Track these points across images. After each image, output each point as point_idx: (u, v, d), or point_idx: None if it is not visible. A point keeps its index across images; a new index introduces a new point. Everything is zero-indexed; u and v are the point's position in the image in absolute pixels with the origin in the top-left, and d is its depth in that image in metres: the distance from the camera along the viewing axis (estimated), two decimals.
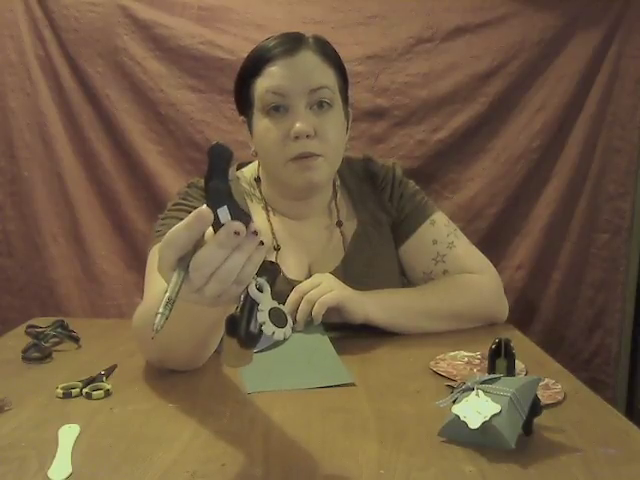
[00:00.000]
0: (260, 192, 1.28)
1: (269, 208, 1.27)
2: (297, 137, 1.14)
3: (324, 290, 1.11)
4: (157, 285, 0.87)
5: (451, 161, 1.85)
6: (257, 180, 1.29)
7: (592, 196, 1.83)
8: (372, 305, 1.16)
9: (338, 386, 0.94)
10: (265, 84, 1.15)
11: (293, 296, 1.11)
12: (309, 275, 1.22)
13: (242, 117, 1.25)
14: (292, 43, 1.15)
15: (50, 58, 1.78)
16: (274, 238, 1.24)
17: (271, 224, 1.25)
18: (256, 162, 1.31)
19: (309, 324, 1.10)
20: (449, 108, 1.82)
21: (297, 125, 1.13)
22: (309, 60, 1.16)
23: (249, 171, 1.32)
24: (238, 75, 1.22)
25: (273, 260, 1.20)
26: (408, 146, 1.83)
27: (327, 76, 1.17)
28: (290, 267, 1.22)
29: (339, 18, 1.79)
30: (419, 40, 1.81)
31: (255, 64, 1.17)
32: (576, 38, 1.79)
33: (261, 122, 1.17)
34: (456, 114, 1.82)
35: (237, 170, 1.32)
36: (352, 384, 0.94)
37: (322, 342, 1.09)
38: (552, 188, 1.84)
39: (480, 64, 1.81)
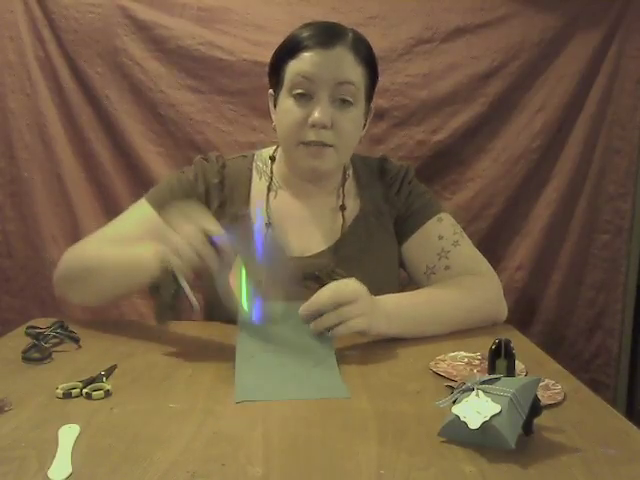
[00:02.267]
0: (271, 170, 1.35)
1: (273, 188, 1.33)
2: (314, 125, 1.19)
3: (358, 313, 1.05)
4: (117, 229, 1.31)
5: (451, 162, 1.85)
6: (272, 159, 1.36)
7: (592, 196, 1.83)
8: (385, 323, 1.12)
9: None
10: (297, 67, 1.20)
11: (326, 300, 1.04)
12: (301, 252, 1.27)
13: (270, 90, 1.30)
14: (331, 37, 1.21)
15: (50, 59, 1.78)
16: (267, 215, 1.30)
17: (268, 202, 1.31)
18: (275, 145, 1.37)
19: (322, 334, 1.06)
20: (449, 109, 1.82)
21: (316, 114, 1.18)
22: (342, 55, 1.20)
23: (267, 151, 1.38)
24: (275, 53, 1.27)
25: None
26: (408, 147, 1.83)
27: (355, 73, 1.22)
28: (283, 243, 1.28)
29: (339, 19, 1.77)
30: (419, 41, 1.81)
31: (293, 47, 1.21)
32: (576, 38, 1.79)
33: (286, 101, 1.22)
34: (456, 115, 1.82)
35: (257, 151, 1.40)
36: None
37: (327, 355, 1.05)
38: (552, 188, 1.84)
39: (480, 64, 1.81)
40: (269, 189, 1.33)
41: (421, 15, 1.81)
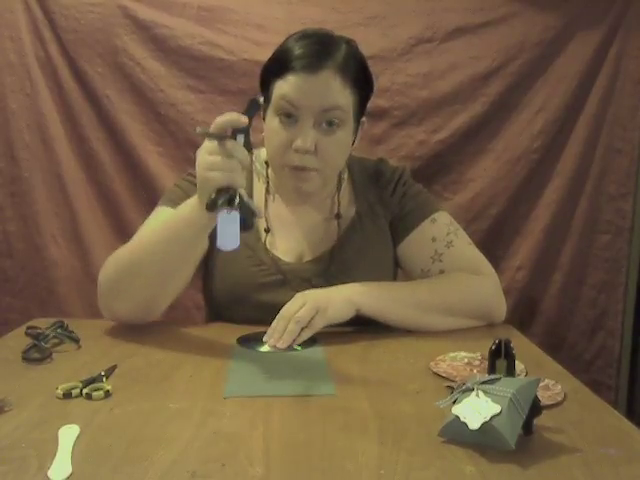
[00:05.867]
0: (267, 174, 1.34)
1: (270, 191, 1.33)
2: (297, 150, 1.18)
3: (310, 313, 1.11)
4: (146, 231, 1.23)
5: (451, 162, 1.85)
6: (267, 163, 1.33)
7: (593, 197, 1.83)
8: (360, 296, 1.17)
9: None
10: (282, 91, 1.17)
11: (279, 324, 1.11)
12: (298, 258, 1.28)
13: (261, 99, 1.25)
14: (319, 57, 1.15)
15: (50, 59, 1.78)
16: (266, 220, 1.30)
17: (267, 207, 1.31)
18: None
19: (306, 344, 1.11)
20: (449, 109, 1.82)
21: (298, 141, 1.17)
22: (329, 81, 1.16)
23: (264, 152, 1.35)
24: (265, 66, 1.24)
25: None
26: (408, 147, 1.83)
27: (343, 96, 1.18)
28: (280, 250, 1.28)
29: (339, 19, 1.79)
30: (419, 40, 1.81)
31: (280, 65, 1.18)
32: (576, 38, 1.79)
33: (272, 121, 1.20)
34: (456, 115, 1.82)
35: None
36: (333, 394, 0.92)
37: (315, 352, 1.10)
38: (553, 189, 1.84)
39: (480, 64, 1.81)
40: (267, 192, 1.33)
41: (421, 15, 1.81)
